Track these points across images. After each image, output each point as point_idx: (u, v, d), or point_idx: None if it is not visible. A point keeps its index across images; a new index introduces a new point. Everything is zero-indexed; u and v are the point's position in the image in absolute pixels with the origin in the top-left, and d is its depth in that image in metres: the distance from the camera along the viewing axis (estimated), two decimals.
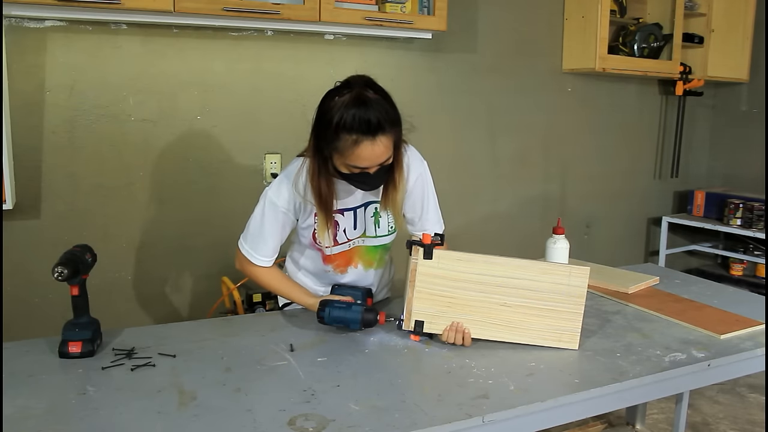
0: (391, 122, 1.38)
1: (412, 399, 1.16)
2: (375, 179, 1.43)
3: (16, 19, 2.13)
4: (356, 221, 1.57)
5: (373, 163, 1.38)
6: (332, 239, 1.55)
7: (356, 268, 1.63)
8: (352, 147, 1.34)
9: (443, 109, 3.02)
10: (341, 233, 1.56)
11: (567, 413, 1.23)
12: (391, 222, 1.61)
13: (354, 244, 1.59)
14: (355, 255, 1.61)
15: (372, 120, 1.33)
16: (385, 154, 1.38)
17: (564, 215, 3.33)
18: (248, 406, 1.12)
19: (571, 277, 1.41)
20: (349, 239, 1.57)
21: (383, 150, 1.37)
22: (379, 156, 1.37)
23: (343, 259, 1.60)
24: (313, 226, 1.54)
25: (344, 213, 1.55)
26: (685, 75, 3.51)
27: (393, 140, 1.40)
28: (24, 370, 1.25)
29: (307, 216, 1.54)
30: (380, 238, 1.60)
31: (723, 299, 1.83)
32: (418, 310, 1.43)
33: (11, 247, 2.21)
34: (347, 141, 1.34)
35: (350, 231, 1.57)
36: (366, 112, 1.33)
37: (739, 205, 3.50)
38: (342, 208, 1.54)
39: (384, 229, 1.60)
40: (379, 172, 1.42)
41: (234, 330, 1.52)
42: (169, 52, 2.38)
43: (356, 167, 1.38)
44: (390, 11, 2.52)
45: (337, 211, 1.53)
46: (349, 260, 1.61)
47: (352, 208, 1.56)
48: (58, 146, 2.25)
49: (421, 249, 1.41)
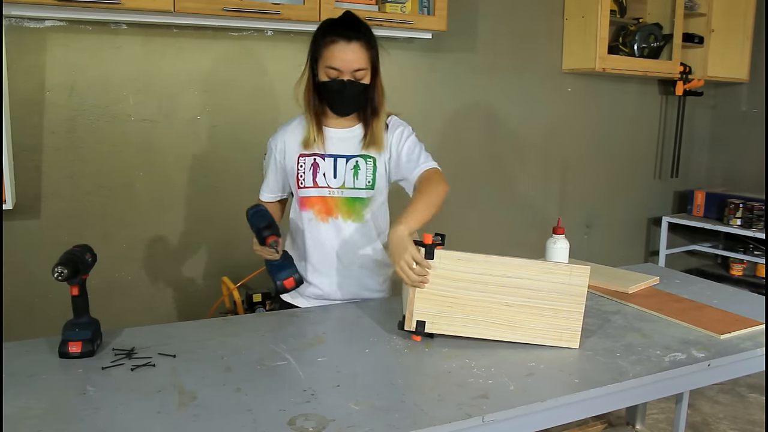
0: (368, 37, 1.58)
1: (412, 399, 1.16)
2: (348, 93, 1.58)
3: (16, 19, 2.13)
4: (336, 170, 1.67)
5: (346, 67, 1.55)
6: (312, 179, 1.66)
7: (336, 219, 1.69)
8: (329, 46, 1.55)
9: (443, 109, 3.02)
10: (321, 177, 1.66)
11: (567, 413, 1.23)
12: (369, 177, 1.68)
13: (333, 194, 1.68)
14: (334, 205, 1.69)
15: (350, 26, 1.57)
16: (357, 62, 1.56)
17: (564, 215, 3.33)
18: (248, 406, 1.12)
19: (571, 277, 1.41)
20: (329, 186, 1.67)
21: (356, 56, 1.55)
22: (352, 61, 1.55)
23: (323, 206, 1.68)
24: (296, 170, 1.68)
25: (324, 158, 1.67)
26: (685, 75, 3.51)
27: (368, 56, 1.59)
28: (24, 370, 1.24)
29: (292, 158, 1.69)
30: (358, 190, 1.68)
31: (723, 299, 1.83)
32: (419, 310, 1.43)
33: (11, 247, 2.21)
34: (326, 42, 1.55)
35: (330, 178, 1.67)
36: (347, 20, 1.59)
37: (739, 205, 3.50)
38: (322, 153, 1.67)
39: (362, 182, 1.68)
40: (354, 88, 1.58)
41: (234, 330, 1.52)
42: (169, 52, 2.38)
43: (332, 68, 1.55)
44: (390, 11, 2.52)
45: (317, 154, 1.66)
46: (329, 209, 1.69)
47: (332, 156, 1.67)
48: (58, 146, 2.25)
49: (422, 249, 1.41)
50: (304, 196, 1.69)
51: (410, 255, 1.39)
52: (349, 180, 1.68)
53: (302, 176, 1.67)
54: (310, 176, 1.67)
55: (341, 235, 1.70)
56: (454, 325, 1.43)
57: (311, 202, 1.69)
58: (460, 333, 1.44)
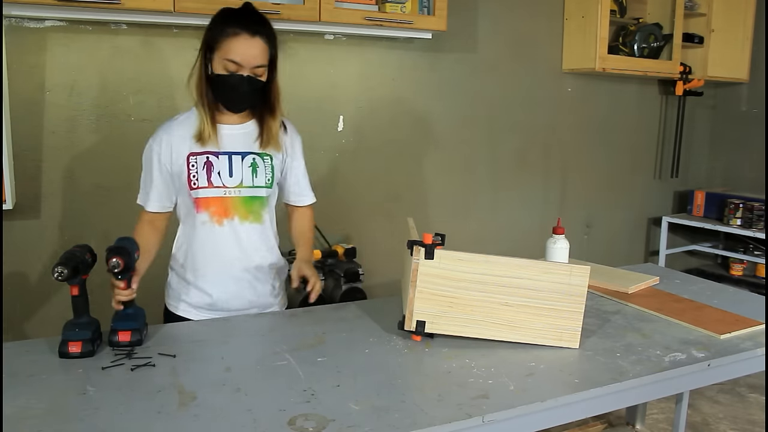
0: (270, 36, 1.52)
1: (412, 399, 1.16)
2: (246, 89, 1.52)
3: (16, 19, 2.13)
4: (232, 168, 1.59)
5: (248, 62, 1.49)
6: (207, 179, 1.57)
7: (232, 219, 1.60)
8: (231, 38, 1.47)
9: (443, 109, 3.02)
10: (215, 176, 1.57)
11: (567, 413, 1.23)
12: (269, 176, 1.63)
13: (230, 193, 1.59)
14: (231, 206, 1.60)
15: (254, 20, 1.50)
16: (259, 58, 1.50)
17: (564, 215, 3.33)
18: (248, 406, 1.12)
19: (571, 277, 1.41)
20: (225, 185, 1.58)
21: (258, 53, 1.50)
22: (254, 57, 1.49)
23: (219, 207, 1.59)
24: (185, 170, 1.57)
25: (219, 156, 1.58)
26: (685, 75, 3.51)
27: (269, 54, 1.53)
28: (24, 370, 1.24)
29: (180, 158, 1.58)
30: (257, 189, 1.61)
31: (723, 299, 1.83)
32: (419, 310, 1.43)
33: (11, 247, 2.21)
34: (227, 33, 1.48)
35: (225, 177, 1.58)
36: (251, 13, 1.52)
37: (739, 205, 3.50)
38: (215, 151, 1.58)
39: (261, 180, 1.62)
40: (252, 85, 1.52)
41: (234, 330, 1.52)
42: (169, 52, 2.38)
43: (232, 62, 1.48)
44: (390, 11, 2.52)
45: (210, 152, 1.57)
46: (225, 210, 1.60)
47: (226, 153, 1.59)
48: (58, 146, 2.25)
49: (422, 249, 1.41)
50: (198, 198, 1.58)
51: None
52: (247, 178, 1.60)
53: (194, 176, 1.56)
54: (204, 175, 1.56)
55: (238, 238, 1.62)
56: (454, 325, 1.43)
57: (207, 203, 1.58)
58: (460, 333, 1.44)
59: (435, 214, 3.06)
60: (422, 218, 2.97)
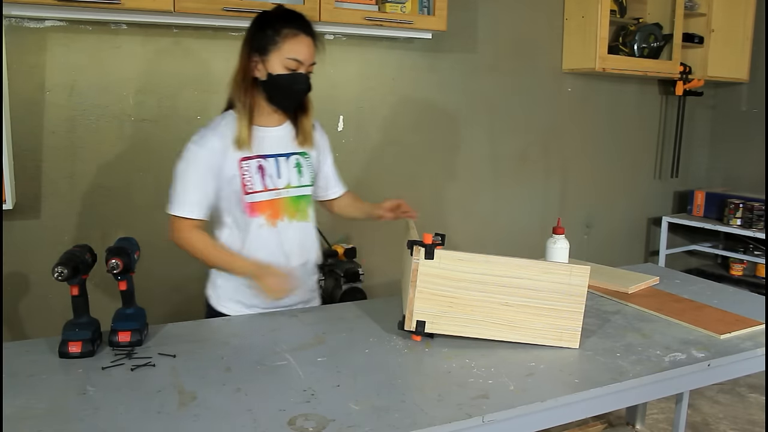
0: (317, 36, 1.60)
1: (412, 399, 1.16)
2: (306, 87, 1.59)
3: (16, 19, 2.13)
4: (279, 170, 1.63)
5: (308, 60, 1.56)
6: (262, 182, 1.60)
7: (283, 221, 1.64)
8: (292, 39, 1.54)
9: (443, 109, 3.02)
10: (268, 178, 1.61)
11: (567, 413, 1.23)
12: (311, 174, 1.70)
13: (280, 195, 1.63)
14: (281, 207, 1.64)
15: (305, 21, 1.59)
16: (313, 56, 1.58)
17: (564, 215, 3.33)
18: (248, 406, 1.12)
19: (571, 277, 1.41)
20: (276, 188, 1.62)
21: (313, 51, 1.58)
22: (312, 55, 1.57)
23: (272, 209, 1.62)
24: (239, 175, 1.57)
25: (267, 158, 1.61)
26: (685, 75, 3.51)
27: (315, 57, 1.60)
28: (24, 370, 1.25)
29: (233, 163, 1.57)
30: (303, 188, 1.67)
31: (723, 299, 1.83)
32: (419, 310, 1.43)
33: (11, 247, 2.21)
34: (288, 35, 1.54)
35: (275, 179, 1.62)
36: (300, 16, 1.59)
37: (739, 205, 3.50)
38: (264, 154, 1.61)
39: (306, 179, 1.68)
40: (306, 81, 1.58)
41: (234, 330, 1.52)
42: (169, 52, 2.38)
43: (294, 60, 1.54)
44: (390, 11, 2.52)
45: (259, 156, 1.60)
46: (277, 212, 1.63)
47: (273, 155, 1.63)
48: (58, 146, 2.25)
49: (422, 249, 1.41)
50: (254, 202, 1.60)
51: None
52: (294, 178, 1.65)
53: (249, 180, 1.58)
54: (259, 179, 1.59)
55: (290, 237, 1.66)
56: (454, 325, 1.43)
57: (261, 206, 1.61)
58: (460, 333, 1.44)
59: (435, 213, 3.06)
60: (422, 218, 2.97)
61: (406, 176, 2.97)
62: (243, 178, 1.58)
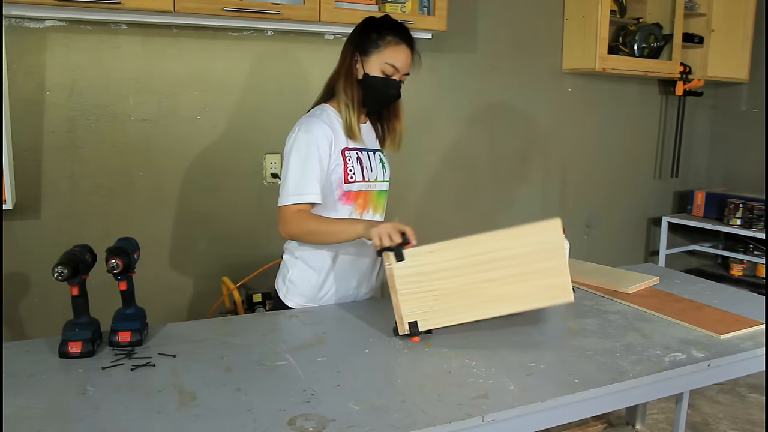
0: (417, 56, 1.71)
1: (412, 399, 1.16)
2: (396, 93, 1.68)
3: (16, 19, 2.13)
4: (372, 163, 1.72)
5: (404, 68, 1.66)
6: (360, 173, 1.66)
7: (368, 212, 1.72)
8: (394, 46, 1.63)
9: (443, 109, 3.02)
10: (366, 170, 1.69)
11: (567, 413, 1.23)
12: (390, 169, 1.79)
13: (371, 187, 1.71)
14: (369, 199, 1.72)
15: (409, 34, 1.67)
16: (408, 68, 1.68)
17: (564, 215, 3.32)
18: (248, 406, 1.12)
19: (544, 233, 1.41)
20: (370, 180, 1.70)
21: (410, 64, 1.67)
22: (408, 66, 1.67)
23: (363, 200, 1.70)
24: (342, 164, 1.64)
25: (363, 152, 1.70)
26: (685, 75, 3.51)
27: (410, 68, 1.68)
28: (24, 370, 1.25)
29: (337, 153, 1.64)
30: (385, 183, 1.77)
31: (723, 299, 1.83)
32: (407, 312, 1.42)
33: (11, 247, 2.21)
34: (391, 41, 1.63)
35: (369, 171, 1.70)
36: (404, 28, 1.68)
37: (739, 205, 3.50)
38: (362, 147, 1.69)
39: (388, 175, 1.78)
40: (397, 87, 1.67)
41: (234, 330, 1.52)
42: (169, 52, 2.38)
43: (392, 66, 1.63)
44: (390, 11, 2.52)
45: (359, 148, 1.68)
46: (366, 203, 1.71)
47: (368, 149, 1.72)
48: (58, 146, 2.25)
49: (391, 253, 1.41)
50: (350, 191, 1.67)
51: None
52: (380, 173, 1.74)
53: (351, 170, 1.65)
54: (359, 169, 1.67)
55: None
56: (445, 316, 1.43)
57: (356, 196, 1.69)
58: (453, 322, 1.43)
59: (435, 213, 3.06)
60: (422, 218, 2.98)
61: (406, 176, 2.97)
62: (346, 167, 1.64)
